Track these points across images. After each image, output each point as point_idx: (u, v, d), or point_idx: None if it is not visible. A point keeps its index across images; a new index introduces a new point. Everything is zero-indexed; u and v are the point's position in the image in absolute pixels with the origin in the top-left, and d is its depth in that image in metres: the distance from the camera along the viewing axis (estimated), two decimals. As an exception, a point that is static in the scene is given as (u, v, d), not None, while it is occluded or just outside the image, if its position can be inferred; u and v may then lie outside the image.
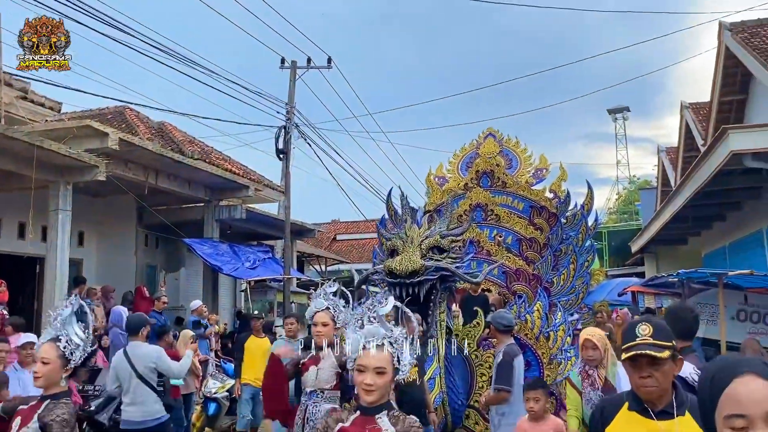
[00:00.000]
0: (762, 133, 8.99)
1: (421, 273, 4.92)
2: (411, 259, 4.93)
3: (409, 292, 4.94)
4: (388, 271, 4.94)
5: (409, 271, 4.85)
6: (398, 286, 4.94)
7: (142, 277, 13.45)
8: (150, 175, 10.86)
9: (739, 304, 7.36)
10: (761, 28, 12.02)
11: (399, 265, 4.87)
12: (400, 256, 5.06)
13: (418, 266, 4.88)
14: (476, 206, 11.08)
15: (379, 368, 2.17)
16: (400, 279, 4.89)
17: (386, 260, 5.14)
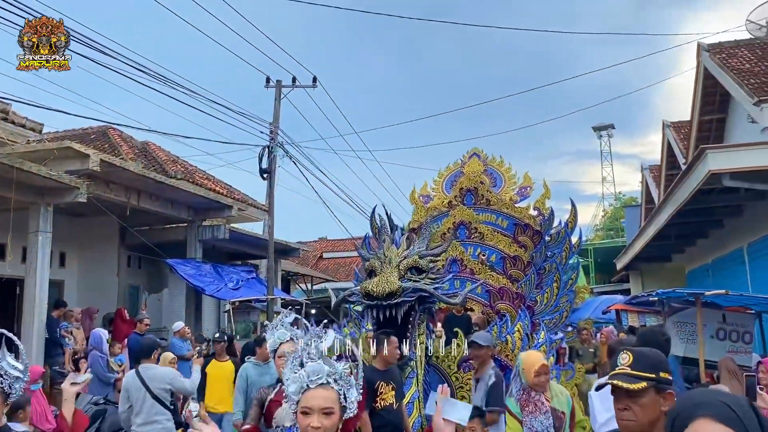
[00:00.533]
0: (739, 152, 9.12)
1: (398, 294, 4.88)
2: (388, 281, 4.91)
3: (386, 315, 4.93)
4: (364, 293, 4.91)
5: (386, 293, 4.82)
6: (375, 308, 4.92)
7: (125, 298, 13.33)
8: (132, 195, 10.81)
9: (718, 323, 7.39)
10: (738, 50, 12.23)
11: (376, 287, 4.85)
12: (377, 277, 5.05)
13: (395, 288, 4.85)
14: (459, 224, 11.08)
15: (326, 409, 2.02)
16: (377, 301, 4.86)
17: (363, 281, 5.12)
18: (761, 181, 9.35)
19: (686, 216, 12.44)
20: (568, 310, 10.17)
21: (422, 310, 5.47)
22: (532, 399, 4.29)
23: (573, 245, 11.00)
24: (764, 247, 11.64)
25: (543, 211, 11.81)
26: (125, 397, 5.67)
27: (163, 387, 5.69)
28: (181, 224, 13.16)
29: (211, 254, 14.66)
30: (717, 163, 9.01)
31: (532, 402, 4.28)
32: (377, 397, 4.90)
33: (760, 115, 9.67)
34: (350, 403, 2.10)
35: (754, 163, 8.99)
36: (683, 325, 7.51)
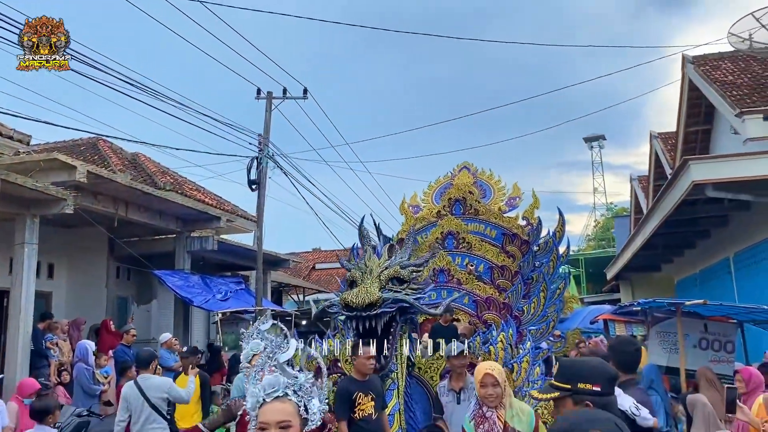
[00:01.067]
0: (722, 163, 9.24)
1: (378, 305, 4.89)
2: (368, 291, 4.93)
3: (366, 325, 4.94)
4: (344, 303, 4.93)
5: (365, 304, 4.83)
6: (354, 320, 4.94)
7: (113, 309, 13.29)
8: (120, 206, 10.82)
9: (700, 332, 7.42)
10: (722, 62, 12.39)
11: (355, 298, 4.86)
12: (357, 288, 5.08)
13: (374, 298, 4.87)
14: (447, 234, 11.11)
15: (282, 422, 1.92)
16: (357, 312, 4.88)
17: (344, 292, 5.14)
18: (744, 191, 9.47)
19: (673, 226, 12.55)
20: (555, 319, 10.19)
21: (404, 320, 5.48)
22: (485, 416, 3.97)
23: (561, 255, 11.09)
24: (749, 257, 11.75)
25: (532, 221, 11.89)
26: (124, 407, 5.80)
27: (160, 396, 5.87)
28: (169, 235, 13.15)
29: (201, 265, 14.64)
30: (700, 174, 9.12)
31: (487, 420, 3.95)
32: (355, 407, 4.91)
33: (741, 127, 9.79)
34: (312, 414, 2.02)
35: (736, 174, 9.11)
36: (666, 335, 7.56)
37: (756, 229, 11.09)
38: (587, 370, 2.35)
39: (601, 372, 2.28)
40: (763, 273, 11.00)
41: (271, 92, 21.10)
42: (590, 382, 2.28)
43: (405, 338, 5.67)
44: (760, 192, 9.35)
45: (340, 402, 4.89)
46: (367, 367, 4.87)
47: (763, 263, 11.02)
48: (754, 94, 10.43)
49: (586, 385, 2.27)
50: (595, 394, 2.23)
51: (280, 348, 2.16)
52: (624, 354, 3.37)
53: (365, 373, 4.91)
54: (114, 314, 13.21)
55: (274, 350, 2.17)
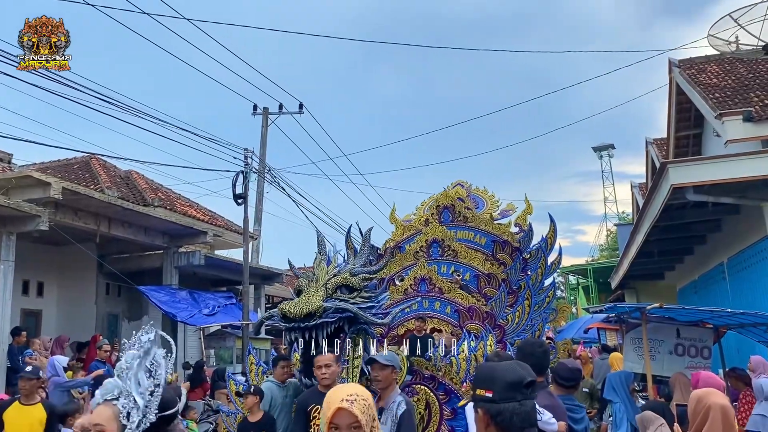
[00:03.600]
0: (701, 166, 9.06)
1: (317, 315, 4.77)
2: (308, 300, 4.81)
3: (305, 337, 4.81)
4: (281, 314, 4.82)
5: (303, 314, 4.71)
6: (292, 331, 4.80)
7: (103, 326, 13.32)
8: (102, 223, 10.86)
9: (675, 338, 7.27)
10: (708, 65, 12.23)
11: (293, 308, 4.74)
12: (298, 297, 4.98)
13: (313, 307, 4.74)
14: (433, 242, 10.96)
15: (97, 425, 1.97)
16: (295, 323, 4.76)
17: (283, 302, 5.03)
18: (726, 194, 9.29)
19: (664, 232, 12.34)
20: (541, 329, 10.03)
21: (355, 331, 5.31)
22: None
23: (551, 264, 10.89)
24: (741, 260, 11.51)
25: (524, 228, 11.70)
26: None
27: None
28: (157, 251, 13.18)
29: (194, 281, 14.64)
30: (679, 178, 8.95)
31: None
32: (310, 421, 4.74)
33: (722, 129, 9.63)
34: (132, 422, 1.99)
35: (716, 176, 8.93)
36: (640, 341, 7.39)
37: (746, 233, 10.87)
38: (484, 374, 2.20)
39: (497, 377, 2.11)
40: (755, 277, 10.78)
41: (267, 108, 21.31)
42: (483, 388, 2.15)
43: (357, 350, 5.52)
44: (742, 195, 9.17)
45: (296, 415, 4.74)
46: (320, 378, 4.55)
47: (754, 267, 10.79)
48: (736, 96, 10.26)
49: (480, 390, 2.14)
50: (486, 400, 2.10)
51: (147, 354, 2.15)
52: (531, 356, 3.25)
53: (329, 383, 4.42)
54: (104, 331, 13.23)
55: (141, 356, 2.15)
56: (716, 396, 3.19)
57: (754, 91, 10.30)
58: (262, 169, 19.57)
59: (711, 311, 6.19)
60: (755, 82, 10.69)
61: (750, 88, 10.49)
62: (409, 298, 10.12)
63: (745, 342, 10.15)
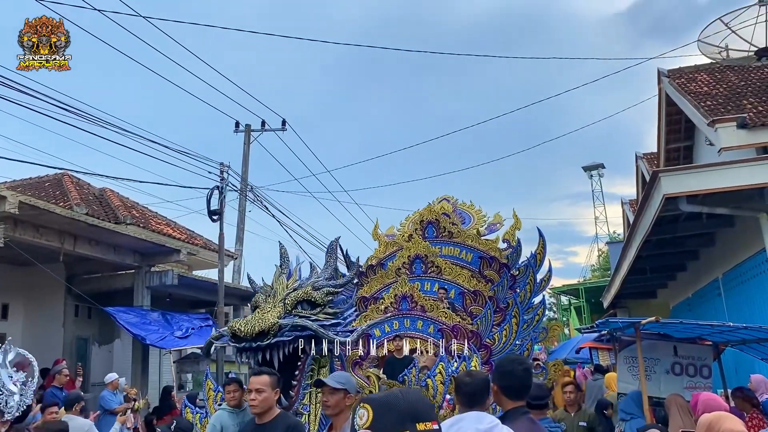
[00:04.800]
0: (695, 174, 8.62)
1: (272, 333, 4.23)
2: (262, 317, 4.28)
3: (258, 358, 4.25)
4: (231, 333, 4.26)
5: (255, 332, 4.17)
6: (244, 352, 4.25)
7: (72, 350, 12.65)
8: (66, 240, 10.27)
9: (672, 356, 6.75)
10: (698, 74, 11.89)
11: (244, 326, 4.20)
12: (252, 314, 4.46)
13: (267, 325, 4.19)
14: (415, 258, 10.45)
15: None
16: (246, 342, 4.21)
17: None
18: (721, 204, 8.85)
19: (657, 247, 11.92)
20: (530, 348, 9.47)
21: (318, 351, 4.76)
22: None
23: (540, 280, 10.38)
24: (737, 275, 11.06)
25: (512, 243, 11.20)
26: None
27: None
28: (128, 271, 12.57)
29: (171, 303, 14.01)
30: (671, 187, 8.52)
31: None
32: None
33: (715, 137, 9.22)
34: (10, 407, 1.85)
35: (711, 185, 8.50)
36: (635, 359, 6.86)
37: (741, 247, 10.43)
38: (408, 412, 1.66)
39: (390, 402, 1.60)
40: (752, 292, 10.31)
41: (249, 125, 20.88)
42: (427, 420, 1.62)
43: (322, 372, 4.95)
44: (737, 204, 8.73)
45: None
46: (249, 403, 3.94)
47: (751, 282, 10.33)
48: (728, 104, 9.88)
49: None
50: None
51: None
52: (510, 377, 2.70)
53: (258, 412, 3.84)
54: (72, 355, 12.58)
55: None
56: (730, 421, 2.68)
57: (746, 98, 9.93)
58: (243, 188, 19.08)
59: (710, 326, 5.69)
60: (748, 89, 10.33)
61: (743, 95, 10.12)
62: (392, 316, 9.60)
63: (744, 360, 9.64)
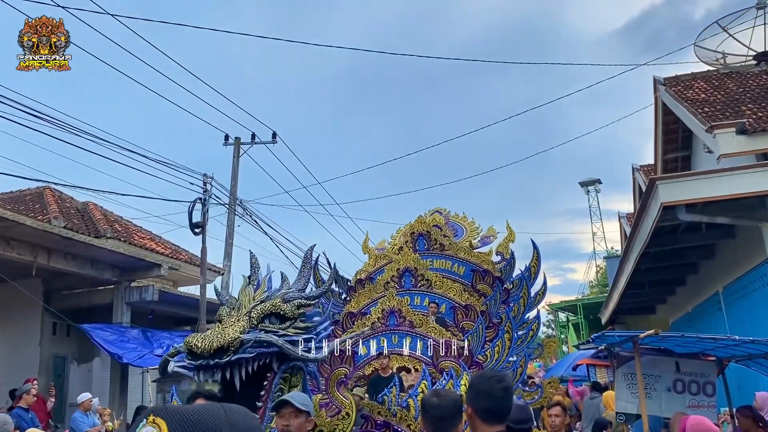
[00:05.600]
0: (694, 182, 8.26)
1: (232, 350, 3.80)
2: (222, 332, 3.86)
3: (217, 378, 3.82)
4: (187, 349, 3.84)
5: (212, 349, 3.74)
6: (201, 371, 3.82)
7: (48, 369, 12.16)
8: (39, 254, 9.85)
9: (673, 373, 6.32)
10: (695, 82, 11.58)
11: (201, 341, 3.77)
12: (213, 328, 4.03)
13: (226, 340, 3.76)
14: (404, 271, 10.06)
15: None
16: (203, 360, 3.78)
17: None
18: (721, 213, 8.48)
19: (655, 260, 11.56)
20: (523, 366, 9.05)
21: (288, 369, 4.33)
22: None
23: (534, 295, 9.99)
24: (738, 289, 10.66)
25: (506, 256, 10.82)
26: None
27: None
28: (108, 286, 12.12)
29: (154, 320, 13.53)
30: (669, 195, 8.15)
31: None
32: None
33: (713, 143, 8.87)
34: None
35: (710, 193, 8.13)
36: (634, 376, 6.43)
37: (743, 258, 10.05)
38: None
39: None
40: (755, 305, 9.91)
41: (239, 138, 20.52)
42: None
43: (298, 392, 4.52)
44: (738, 214, 8.36)
45: None
46: None
47: (753, 295, 9.93)
48: (727, 110, 9.55)
49: None
50: None
51: None
52: (485, 396, 2.29)
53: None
54: (49, 375, 12.09)
55: None
56: None
57: (745, 104, 9.60)
58: (232, 202, 18.70)
59: (714, 339, 5.27)
60: (746, 95, 10.01)
61: (741, 101, 9.80)
62: (377, 333, 9.21)
63: (748, 376, 9.21)
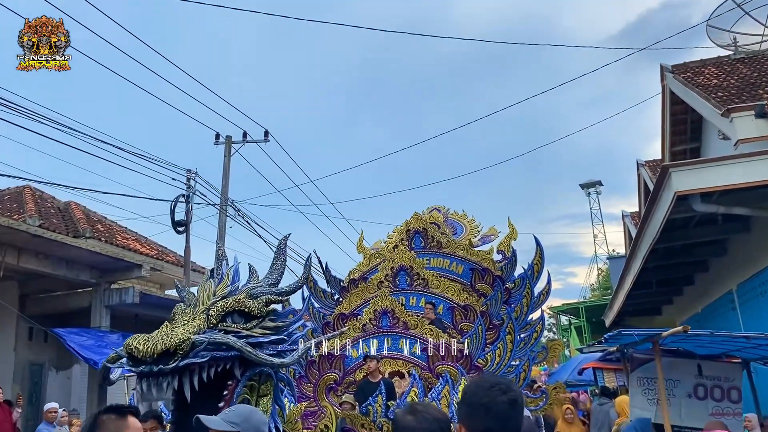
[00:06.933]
0: (710, 169, 7.61)
1: (180, 353, 3.16)
2: (168, 333, 3.22)
3: (163, 386, 3.17)
4: (127, 353, 3.18)
5: (156, 353, 3.09)
6: (144, 378, 3.18)
7: (24, 376, 11.48)
8: (8, 253, 9.20)
9: (694, 376, 5.68)
10: (705, 68, 10.96)
11: (142, 344, 3.13)
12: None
13: (173, 343, 3.10)
14: (399, 270, 9.50)
15: None
16: (145, 366, 3.13)
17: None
18: (739, 204, 7.83)
19: (664, 258, 10.93)
20: (527, 370, 8.41)
21: (254, 376, 3.68)
22: None
23: (538, 294, 9.40)
24: (755, 286, 10.00)
25: (507, 254, 10.23)
26: None
27: None
28: (87, 288, 11.45)
29: (139, 323, 12.86)
30: (683, 183, 7.49)
31: None
32: None
33: (730, 128, 8.23)
34: None
35: (728, 181, 7.49)
36: (650, 381, 5.80)
37: (759, 253, 9.40)
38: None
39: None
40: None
41: (230, 136, 19.92)
42: None
43: (267, 403, 3.86)
44: (758, 204, 7.71)
45: None
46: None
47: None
48: (742, 95, 8.92)
49: None
50: None
51: None
52: (484, 411, 1.64)
53: None
54: (25, 383, 11.43)
55: None
56: None
57: (762, 87, 8.97)
58: (224, 202, 18.10)
59: (747, 338, 4.62)
60: (762, 79, 9.38)
61: (757, 85, 9.17)
62: (368, 335, 8.60)
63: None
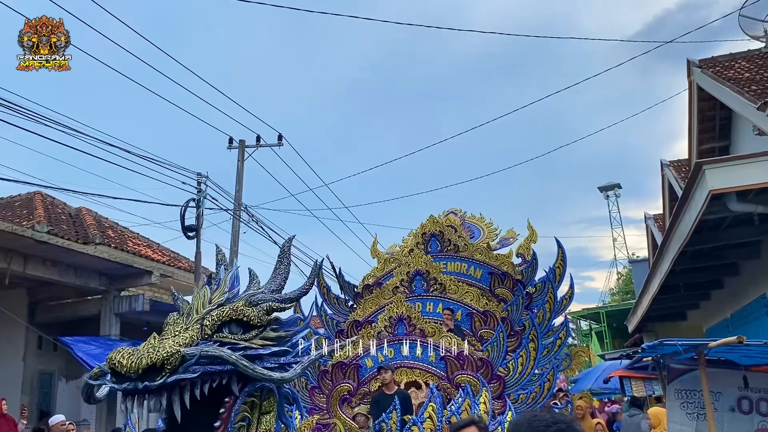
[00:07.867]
0: (747, 165, 7.14)
1: (169, 369, 2.81)
2: (155, 345, 2.88)
3: (150, 405, 2.83)
4: (110, 368, 2.84)
5: (140, 368, 2.75)
6: (128, 396, 2.84)
7: (33, 386, 11.26)
8: (14, 260, 8.97)
9: (738, 389, 5.22)
10: (735, 62, 10.47)
11: (126, 358, 2.79)
12: (147, 341, 3.05)
13: (159, 357, 2.76)
14: (415, 274, 9.13)
15: None
16: (129, 383, 2.80)
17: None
18: (781, 203, 7.35)
19: (693, 260, 10.44)
20: (551, 379, 7.98)
21: (254, 392, 3.31)
22: None
23: (561, 298, 9.05)
24: (792, 291, 9.52)
25: (527, 258, 9.87)
26: None
27: None
28: (96, 296, 11.22)
29: (151, 331, 12.62)
30: (719, 181, 7.05)
31: None
32: None
33: (766, 122, 7.75)
34: None
35: (766, 178, 7.02)
36: (690, 393, 5.35)
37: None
38: None
39: None
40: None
41: (243, 140, 19.71)
42: None
43: (270, 421, 3.50)
44: (800, 202, 7.23)
45: None
46: None
47: (811, 297, 8.79)
48: (778, 88, 8.45)
49: None
50: None
51: None
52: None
53: None
54: (34, 392, 11.21)
55: None
56: None
57: (799, 80, 8.48)
58: (237, 208, 17.87)
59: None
60: (799, 73, 8.89)
61: (794, 78, 8.68)
62: (384, 343, 8.23)
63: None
